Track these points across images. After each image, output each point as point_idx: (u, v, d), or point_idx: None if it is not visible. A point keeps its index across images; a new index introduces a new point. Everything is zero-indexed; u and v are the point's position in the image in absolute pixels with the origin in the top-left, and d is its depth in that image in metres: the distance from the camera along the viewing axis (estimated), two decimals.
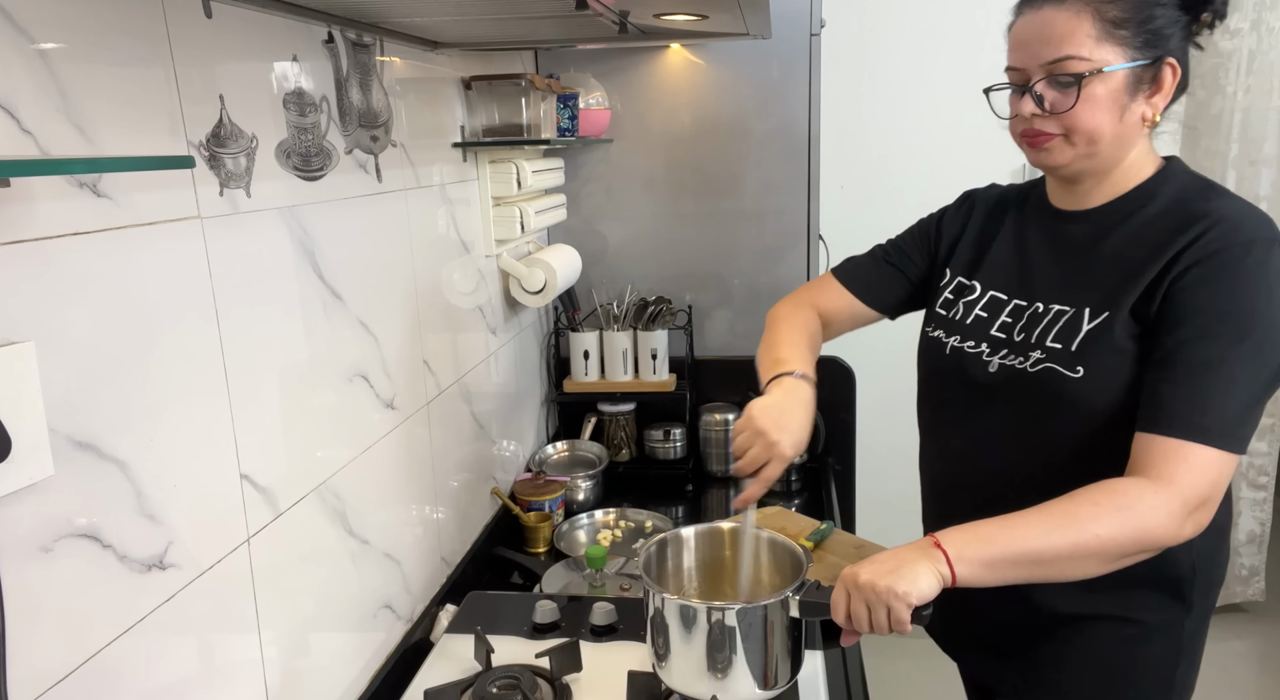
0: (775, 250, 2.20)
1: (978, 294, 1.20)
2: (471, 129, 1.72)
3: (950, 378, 1.20)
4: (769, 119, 2.13)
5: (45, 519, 0.74)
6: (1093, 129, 1.03)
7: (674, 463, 2.20)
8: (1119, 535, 0.95)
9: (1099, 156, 1.06)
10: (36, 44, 0.73)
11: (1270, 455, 2.97)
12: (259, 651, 1.04)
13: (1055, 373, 1.07)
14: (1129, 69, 1.02)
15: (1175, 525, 0.95)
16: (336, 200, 1.22)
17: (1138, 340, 1.03)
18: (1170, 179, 1.09)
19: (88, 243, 0.78)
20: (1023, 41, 1.06)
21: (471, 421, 1.74)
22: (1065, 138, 1.05)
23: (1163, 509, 0.95)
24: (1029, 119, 1.07)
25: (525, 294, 1.90)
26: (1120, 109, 1.03)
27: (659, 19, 1.52)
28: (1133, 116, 1.04)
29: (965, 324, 1.20)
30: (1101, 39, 1.01)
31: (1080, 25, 1.01)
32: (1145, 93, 1.04)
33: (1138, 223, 1.08)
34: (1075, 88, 1.02)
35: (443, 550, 1.59)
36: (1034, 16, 1.05)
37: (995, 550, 0.96)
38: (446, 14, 1.24)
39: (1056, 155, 1.07)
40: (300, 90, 1.13)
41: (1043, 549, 0.95)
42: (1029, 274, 1.17)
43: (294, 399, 1.12)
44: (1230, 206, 1.03)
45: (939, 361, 1.22)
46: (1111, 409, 1.04)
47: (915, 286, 1.35)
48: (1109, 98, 1.02)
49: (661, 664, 1.13)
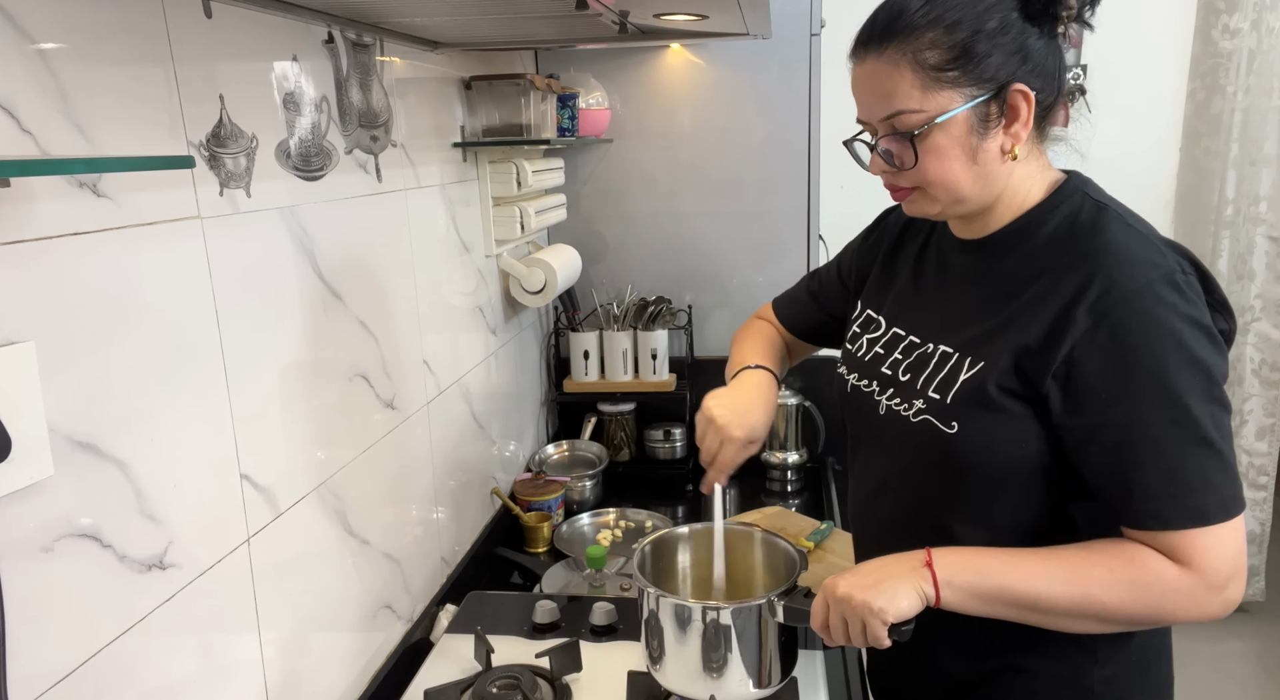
0: (775, 250, 2.20)
1: (882, 330, 1.13)
2: (471, 129, 1.72)
3: (852, 418, 1.15)
4: (769, 119, 2.13)
5: (45, 519, 0.74)
6: (942, 178, 0.96)
7: (674, 463, 2.20)
8: (1129, 608, 0.89)
9: (967, 201, 0.98)
10: (36, 44, 0.73)
11: (1270, 455, 2.98)
12: (259, 651, 1.04)
13: (932, 427, 0.99)
14: (969, 109, 0.93)
15: (1199, 608, 0.88)
16: (336, 200, 1.22)
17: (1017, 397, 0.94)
18: (1062, 203, 0.99)
19: (88, 243, 0.78)
20: (858, 96, 0.99)
21: (471, 421, 1.74)
22: (922, 191, 0.98)
23: (1184, 592, 0.88)
24: (881, 175, 1.01)
25: (525, 294, 1.90)
26: (970, 151, 0.94)
27: (659, 19, 1.52)
28: (989, 154, 0.95)
29: (864, 361, 1.13)
30: (927, 87, 0.92)
31: (902, 76, 0.92)
32: (997, 126, 0.94)
33: (1024, 253, 0.99)
34: (910, 140, 0.94)
35: (442, 550, 1.59)
36: (860, 69, 0.97)
37: (988, 585, 0.92)
38: (446, 14, 1.24)
39: (921, 206, 1.01)
40: (300, 90, 1.13)
41: (1040, 597, 0.90)
42: (921, 308, 1.09)
43: (294, 399, 1.12)
44: (1126, 234, 0.94)
45: (843, 400, 1.16)
46: (986, 465, 0.97)
47: (831, 319, 1.31)
48: (953, 145, 0.94)
49: (656, 665, 1.14)
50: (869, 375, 1.11)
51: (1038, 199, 1.01)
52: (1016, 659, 1.04)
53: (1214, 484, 0.88)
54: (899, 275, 1.16)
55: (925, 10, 0.92)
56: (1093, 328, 0.90)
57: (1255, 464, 2.98)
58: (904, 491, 1.07)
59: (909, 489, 1.06)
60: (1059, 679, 1.04)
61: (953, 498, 1.01)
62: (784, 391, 2.15)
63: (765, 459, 2.13)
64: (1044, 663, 1.03)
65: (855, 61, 0.98)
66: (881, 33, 0.94)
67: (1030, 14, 0.93)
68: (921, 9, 0.92)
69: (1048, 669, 1.03)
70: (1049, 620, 0.93)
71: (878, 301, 1.16)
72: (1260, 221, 2.83)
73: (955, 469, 0.99)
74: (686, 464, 2.19)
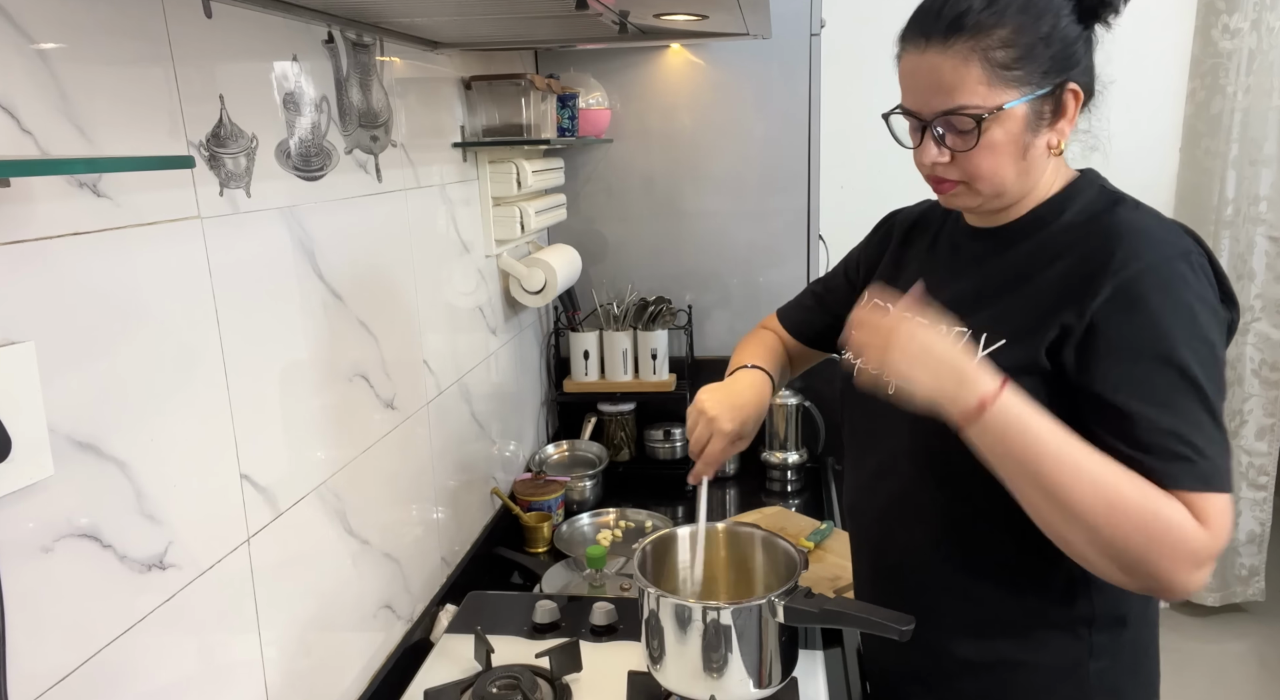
0: (775, 250, 2.20)
1: None
2: (471, 129, 1.72)
3: (856, 401, 1.14)
4: (769, 119, 2.13)
5: (45, 519, 0.74)
6: (994, 173, 0.98)
7: (674, 463, 2.20)
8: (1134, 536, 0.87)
9: (1007, 195, 1.01)
10: (36, 44, 0.73)
11: (1270, 455, 2.97)
12: (259, 651, 1.04)
13: None
14: (1028, 104, 0.95)
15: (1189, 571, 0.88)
16: (336, 200, 1.22)
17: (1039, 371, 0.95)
18: (1078, 194, 1.03)
19: (88, 243, 0.78)
20: (913, 86, 0.99)
21: (471, 421, 1.74)
22: (967, 185, 1.00)
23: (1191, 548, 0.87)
24: (929, 167, 1.01)
25: (525, 294, 1.90)
26: (1023, 147, 0.97)
27: (659, 19, 1.52)
28: (1037, 150, 0.98)
29: None
30: (993, 84, 0.94)
31: (970, 73, 0.93)
32: (1048, 122, 0.97)
33: (1041, 239, 1.02)
34: (974, 133, 0.95)
35: (442, 550, 1.59)
36: (920, 60, 0.96)
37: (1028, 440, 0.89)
38: (446, 14, 1.24)
39: (963, 199, 1.03)
40: (300, 90, 1.13)
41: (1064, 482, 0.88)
42: (934, 292, 1.08)
43: (294, 399, 1.12)
44: (1145, 219, 0.98)
45: (846, 385, 1.17)
46: None
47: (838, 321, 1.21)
48: (1009, 140, 0.96)
49: (656, 666, 1.14)
50: None
51: (1057, 189, 1.03)
52: (1015, 651, 1.05)
53: (1219, 455, 0.89)
54: (907, 267, 1.17)
55: (992, 8, 0.93)
56: (1114, 295, 0.92)
57: (1255, 464, 2.98)
58: (910, 469, 1.07)
59: (915, 466, 1.06)
60: (1056, 671, 1.05)
61: (964, 470, 0.97)
62: (784, 391, 2.15)
63: (765, 459, 2.13)
64: (1042, 654, 1.04)
65: (913, 50, 0.97)
66: (948, 26, 0.93)
67: (1084, 15, 0.97)
68: (988, 7, 0.93)
69: (1045, 660, 1.04)
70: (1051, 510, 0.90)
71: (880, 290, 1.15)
72: (1260, 221, 2.83)
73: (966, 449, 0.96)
74: (687, 464, 2.18)
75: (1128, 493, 0.87)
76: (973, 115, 0.94)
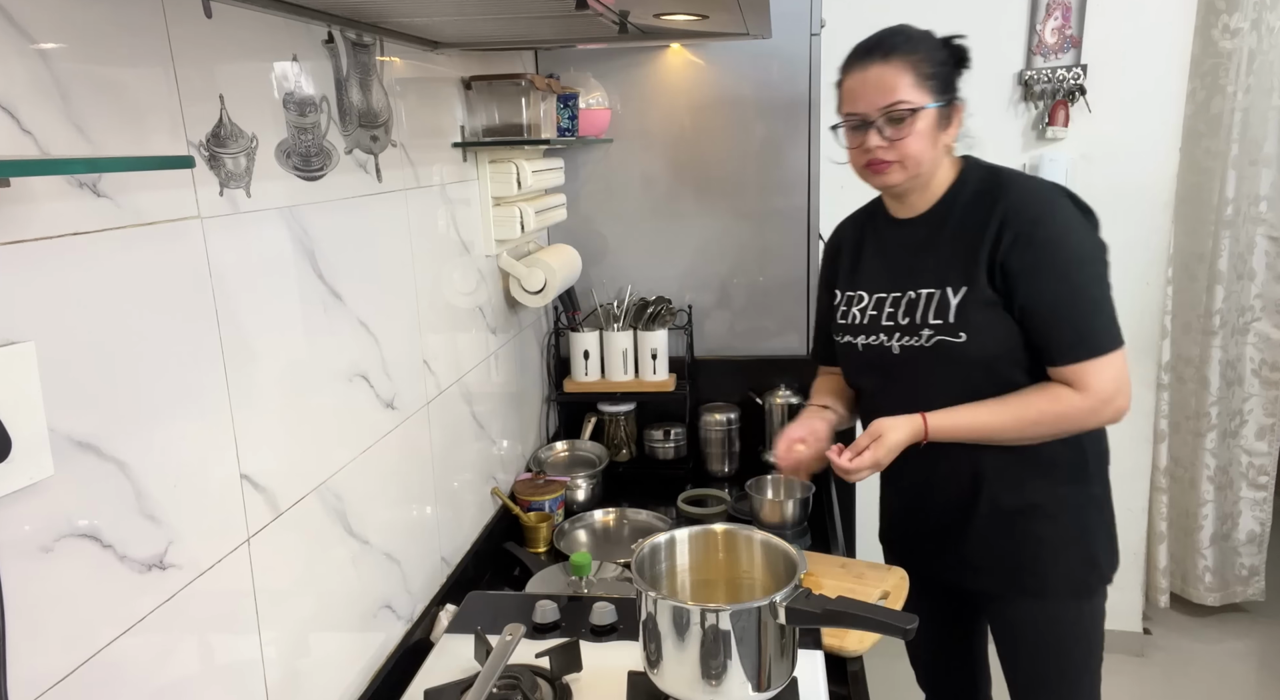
0: (775, 250, 2.20)
1: (866, 300, 1.53)
2: (471, 129, 1.72)
3: (865, 369, 1.56)
4: (769, 119, 2.13)
5: (45, 519, 0.74)
6: (918, 154, 1.38)
7: (674, 463, 2.20)
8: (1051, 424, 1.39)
9: (921, 175, 1.42)
10: (36, 44, 0.73)
11: (1270, 455, 2.97)
12: (259, 651, 1.04)
13: (946, 342, 1.41)
14: (937, 108, 1.38)
15: (1096, 417, 1.38)
16: (336, 200, 1.22)
17: (992, 302, 1.37)
18: (969, 175, 1.45)
19: (88, 243, 0.78)
20: (859, 93, 1.38)
21: (471, 421, 1.74)
22: (900, 164, 1.39)
23: (1083, 409, 1.37)
24: (872, 150, 1.38)
25: (525, 294, 1.90)
26: (934, 139, 1.39)
27: (659, 19, 1.52)
28: (942, 144, 1.41)
29: (864, 324, 1.52)
30: (918, 86, 1.36)
31: (904, 78, 1.35)
32: (945, 127, 1.40)
33: (958, 213, 1.43)
34: (907, 121, 1.36)
35: (443, 550, 1.59)
36: (866, 74, 1.37)
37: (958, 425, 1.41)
38: (446, 14, 1.24)
39: (893, 177, 1.41)
40: (300, 90, 1.13)
41: (993, 429, 1.40)
42: (895, 271, 1.50)
43: (294, 399, 1.12)
44: (1017, 181, 1.42)
45: (855, 359, 1.56)
46: (988, 355, 1.40)
47: None
48: (928, 130, 1.37)
49: (655, 669, 1.13)
50: (874, 331, 1.51)
51: (951, 179, 1.46)
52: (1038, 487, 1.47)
53: (1096, 329, 1.37)
54: (855, 263, 1.59)
55: (925, 41, 1.40)
56: (1013, 235, 1.36)
57: (1255, 464, 2.97)
58: (919, 403, 1.43)
59: (922, 397, 1.43)
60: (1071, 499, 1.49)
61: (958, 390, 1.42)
62: (784, 391, 2.15)
63: (765, 458, 2.13)
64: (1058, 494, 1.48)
65: (859, 69, 1.39)
66: (887, 50, 1.37)
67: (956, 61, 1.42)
68: (908, 42, 1.38)
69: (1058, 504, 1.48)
70: (1002, 439, 1.41)
71: (849, 284, 1.58)
72: (1260, 221, 2.83)
73: (965, 365, 1.40)
74: (686, 464, 2.19)
75: (1030, 413, 1.38)
76: (908, 108, 1.35)
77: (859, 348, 1.53)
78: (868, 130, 1.38)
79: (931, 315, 1.42)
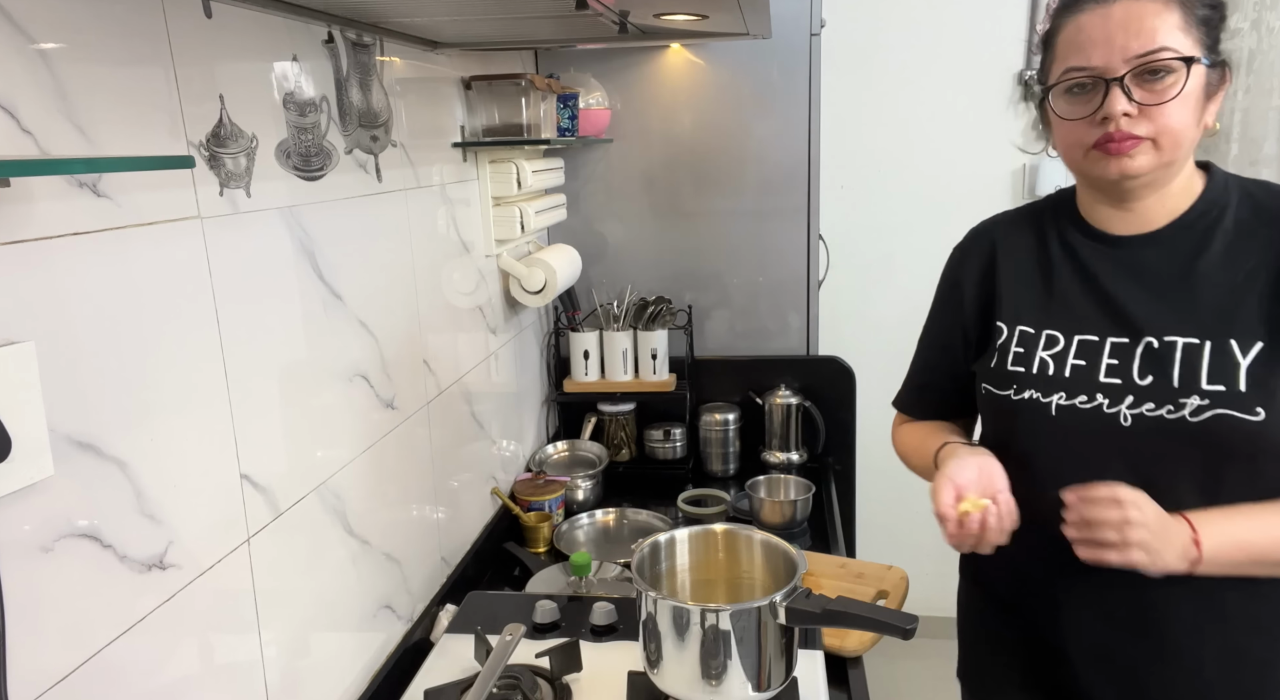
0: (775, 250, 2.20)
1: (1062, 344, 1.07)
2: (471, 129, 1.72)
3: (1062, 442, 1.06)
4: (769, 119, 2.13)
5: (45, 519, 0.74)
6: (1181, 129, 0.96)
7: (674, 463, 2.20)
8: None
9: (1175, 165, 1.00)
10: (36, 44, 0.73)
11: None
12: (259, 651, 1.04)
13: (1230, 419, 0.96)
14: (1207, 68, 0.96)
15: None
16: (336, 200, 1.22)
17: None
18: (1227, 186, 1.04)
19: (88, 243, 0.78)
20: (1100, 37, 0.96)
21: (471, 421, 1.74)
22: (1153, 142, 0.97)
23: None
24: (1115, 119, 0.96)
25: (525, 294, 1.90)
26: (1199, 112, 0.98)
27: (659, 19, 1.52)
28: (1203, 122, 0.99)
29: (1065, 378, 1.06)
30: (1188, 32, 0.95)
31: (1171, 17, 0.94)
32: (1211, 99, 0.98)
33: (1222, 238, 1.01)
34: (1175, 78, 0.94)
35: (442, 550, 1.59)
36: (1111, 9, 0.96)
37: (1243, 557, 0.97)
38: (446, 14, 1.24)
39: (1141, 161, 0.98)
40: (300, 90, 1.13)
41: None
42: (1118, 309, 1.04)
43: (294, 399, 1.12)
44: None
45: (1038, 426, 1.07)
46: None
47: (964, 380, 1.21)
48: (1195, 97, 0.96)
49: (655, 669, 1.13)
50: (1083, 390, 1.04)
51: (1201, 187, 1.05)
52: None
53: None
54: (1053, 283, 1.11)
55: None
56: None
57: None
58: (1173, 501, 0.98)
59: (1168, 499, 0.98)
60: None
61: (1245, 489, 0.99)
62: (784, 391, 2.15)
63: (765, 458, 2.13)
64: None
65: (1098, 5, 0.97)
66: None
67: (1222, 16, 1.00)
68: None
69: None
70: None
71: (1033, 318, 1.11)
72: None
73: (1261, 457, 0.98)
74: (686, 464, 2.19)
75: None
76: (1176, 57, 0.94)
77: (1051, 410, 1.06)
78: (1107, 92, 0.96)
79: (1204, 378, 0.98)
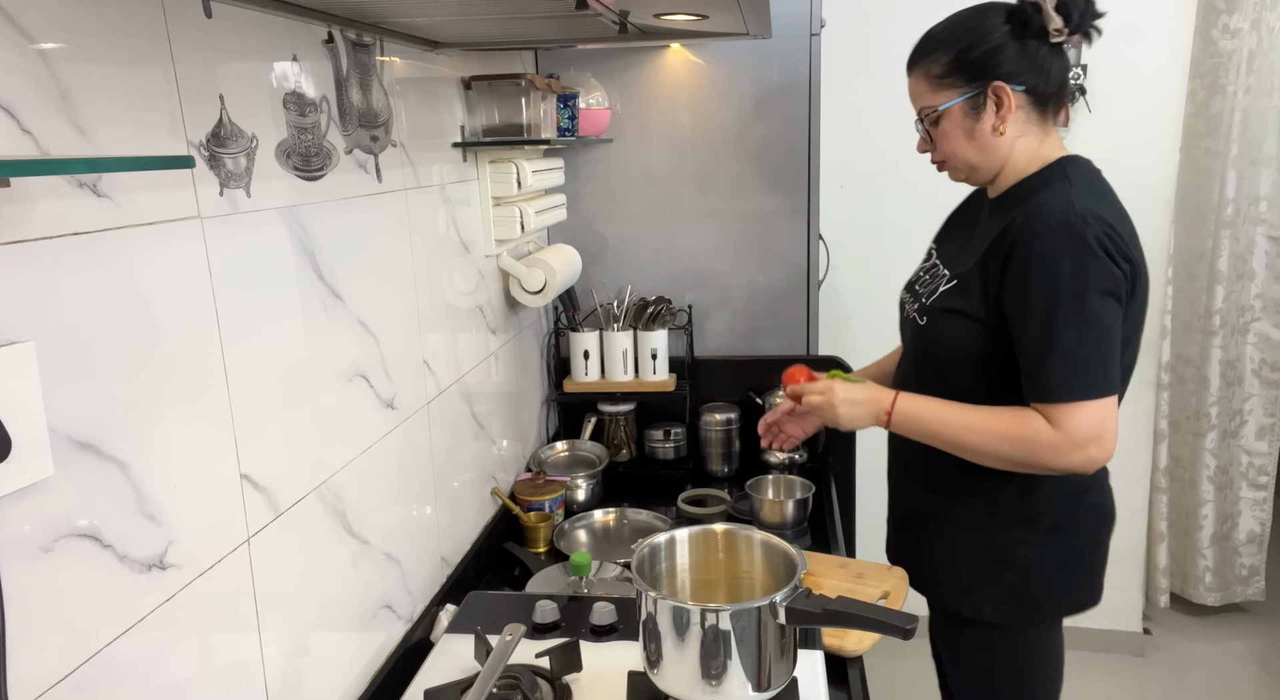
0: (775, 250, 2.19)
1: (932, 259, 1.52)
2: (471, 129, 1.72)
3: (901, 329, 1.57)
4: (769, 119, 2.13)
5: (45, 519, 0.74)
6: (953, 152, 1.38)
7: (674, 463, 2.20)
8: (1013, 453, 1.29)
9: (980, 169, 1.39)
10: (36, 44, 0.73)
11: (1270, 455, 2.97)
12: (259, 651, 1.04)
13: (913, 320, 1.44)
14: (960, 102, 1.34)
15: (1063, 458, 1.26)
16: (336, 200, 1.22)
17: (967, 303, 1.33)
18: (1045, 176, 1.34)
19: (88, 243, 0.78)
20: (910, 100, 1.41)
21: (471, 421, 1.74)
22: (948, 163, 1.41)
23: (1051, 446, 1.26)
24: (926, 150, 1.44)
25: (525, 294, 1.90)
26: (967, 132, 1.35)
27: (659, 19, 1.52)
28: (983, 133, 1.35)
29: (912, 284, 1.53)
30: (935, 89, 1.36)
31: (920, 85, 1.38)
32: (986, 112, 1.33)
33: (1002, 208, 1.37)
34: (932, 125, 1.38)
35: (443, 550, 1.59)
36: (908, 83, 1.41)
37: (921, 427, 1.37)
38: (446, 14, 1.24)
39: (951, 174, 1.44)
40: (300, 90, 1.13)
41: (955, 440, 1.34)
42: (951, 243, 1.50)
43: (294, 399, 1.12)
44: (1047, 198, 1.29)
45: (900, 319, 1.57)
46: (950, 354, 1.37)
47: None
48: (954, 128, 1.36)
49: (655, 669, 1.13)
50: (909, 291, 1.52)
51: (1030, 173, 1.36)
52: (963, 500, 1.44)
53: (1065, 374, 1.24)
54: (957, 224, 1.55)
55: (938, 38, 1.36)
56: (1009, 255, 1.28)
57: (1255, 464, 2.97)
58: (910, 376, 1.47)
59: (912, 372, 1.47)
60: None
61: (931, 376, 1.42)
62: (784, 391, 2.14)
63: (765, 458, 2.13)
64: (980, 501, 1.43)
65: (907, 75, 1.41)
66: (912, 58, 1.39)
67: (1018, 34, 1.31)
68: (926, 44, 1.37)
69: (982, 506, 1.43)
70: (962, 454, 1.35)
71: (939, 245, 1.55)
72: (1260, 221, 2.83)
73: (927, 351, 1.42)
74: (686, 464, 2.19)
75: (997, 428, 1.30)
76: (929, 113, 1.38)
77: (901, 306, 1.55)
78: None
79: (924, 293, 1.44)
